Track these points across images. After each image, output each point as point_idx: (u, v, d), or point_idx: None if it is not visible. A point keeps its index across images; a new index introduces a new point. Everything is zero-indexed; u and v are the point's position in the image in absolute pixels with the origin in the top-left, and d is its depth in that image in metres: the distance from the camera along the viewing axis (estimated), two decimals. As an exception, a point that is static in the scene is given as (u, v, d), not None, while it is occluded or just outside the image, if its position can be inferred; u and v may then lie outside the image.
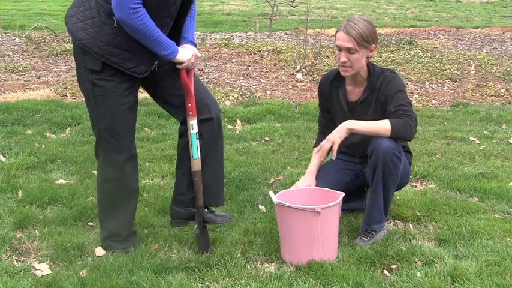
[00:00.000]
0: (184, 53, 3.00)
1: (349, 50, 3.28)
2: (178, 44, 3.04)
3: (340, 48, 3.31)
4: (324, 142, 3.30)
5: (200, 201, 3.16)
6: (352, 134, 3.26)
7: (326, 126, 3.67)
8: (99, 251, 3.16)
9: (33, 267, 2.98)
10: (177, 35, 3.10)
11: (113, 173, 3.12)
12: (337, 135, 3.23)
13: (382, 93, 3.35)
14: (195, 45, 3.13)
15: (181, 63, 3.00)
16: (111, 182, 3.14)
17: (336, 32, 3.36)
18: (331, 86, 3.54)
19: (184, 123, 3.15)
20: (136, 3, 2.77)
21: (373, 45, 3.33)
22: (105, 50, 2.89)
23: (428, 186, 4.26)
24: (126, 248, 3.16)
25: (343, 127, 3.24)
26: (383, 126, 3.20)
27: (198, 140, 3.10)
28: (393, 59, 8.91)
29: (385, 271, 2.99)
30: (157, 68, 3.07)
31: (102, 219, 3.23)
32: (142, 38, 2.85)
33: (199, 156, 3.12)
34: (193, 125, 3.09)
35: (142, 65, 2.96)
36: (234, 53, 9.24)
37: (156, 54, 2.95)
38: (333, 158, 3.28)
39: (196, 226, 3.17)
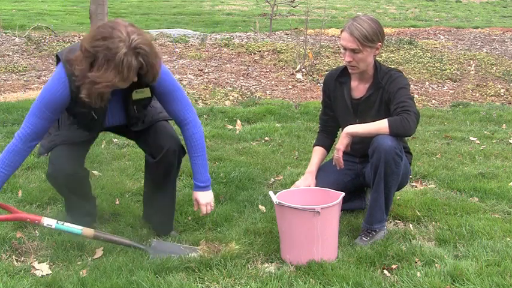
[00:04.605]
0: None
1: (353, 51, 3.29)
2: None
3: (345, 48, 3.32)
4: (334, 155, 3.33)
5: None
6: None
7: (327, 124, 3.68)
8: (100, 252, 3.16)
9: (33, 267, 2.98)
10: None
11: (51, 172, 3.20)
12: (339, 143, 3.27)
13: (387, 92, 3.35)
14: None
15: None
16: (52, 182, 3.25)
17: (341, 31, 3.36)
18: (336, 83, 3.54)
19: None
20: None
21: (379, 43, 3.34)
22: None
23: (428, 186, 4.26)
24: None
25: (343, 134, 3.27)
26: (381, 125, 3.20)
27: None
28: (393, 59, 8.91)
29: (385, 271, 2.99)
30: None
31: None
32: None
33: None
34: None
35: None
36: (234, 53, 9.23)
37: None
38: (338, 168, 3.35)
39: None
